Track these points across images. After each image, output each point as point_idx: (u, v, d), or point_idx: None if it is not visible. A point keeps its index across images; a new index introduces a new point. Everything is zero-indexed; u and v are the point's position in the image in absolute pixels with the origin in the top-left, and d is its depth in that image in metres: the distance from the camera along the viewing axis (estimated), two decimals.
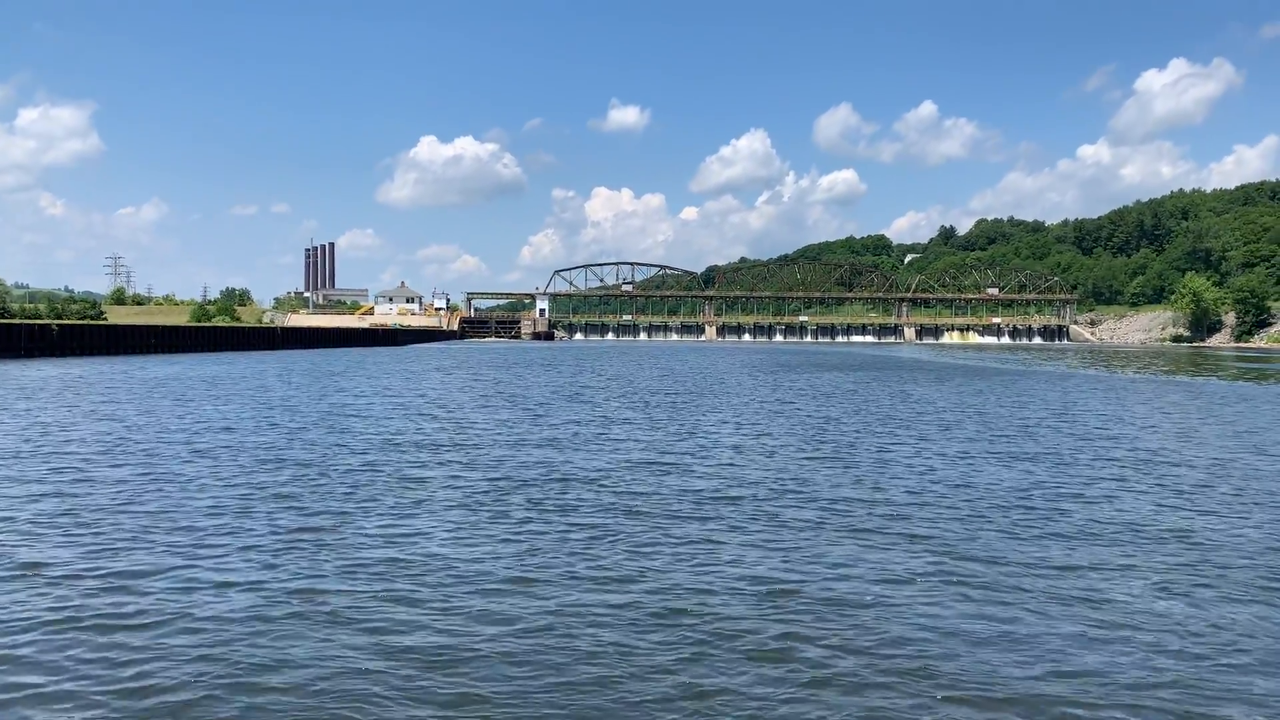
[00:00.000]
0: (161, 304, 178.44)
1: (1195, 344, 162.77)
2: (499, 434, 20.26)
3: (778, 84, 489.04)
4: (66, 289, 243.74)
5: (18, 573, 8.78)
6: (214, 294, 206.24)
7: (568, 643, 7.05)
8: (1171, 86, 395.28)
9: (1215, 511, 12.14)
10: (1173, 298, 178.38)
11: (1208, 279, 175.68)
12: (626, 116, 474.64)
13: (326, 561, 9.27)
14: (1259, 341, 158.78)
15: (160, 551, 9.58)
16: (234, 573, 8.87)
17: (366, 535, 10.42)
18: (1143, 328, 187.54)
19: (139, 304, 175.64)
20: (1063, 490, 13.60)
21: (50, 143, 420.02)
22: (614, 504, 12.28)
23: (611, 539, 10.28)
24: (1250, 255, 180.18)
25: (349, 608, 7.86)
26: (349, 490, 13.16)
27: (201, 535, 10.33)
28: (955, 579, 8.74)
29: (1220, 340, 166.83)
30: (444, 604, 7.95)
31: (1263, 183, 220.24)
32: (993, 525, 11.11)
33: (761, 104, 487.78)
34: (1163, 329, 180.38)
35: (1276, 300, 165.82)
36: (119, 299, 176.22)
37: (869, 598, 8.18)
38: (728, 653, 6.84)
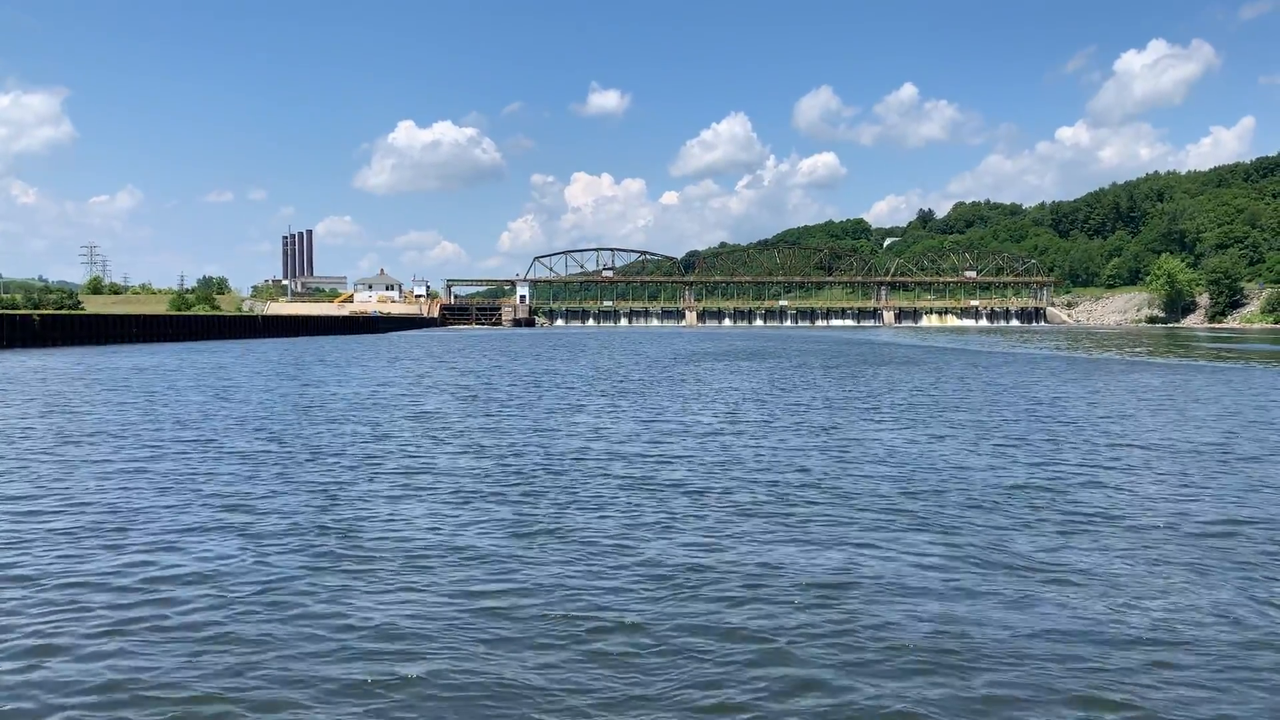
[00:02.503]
0: (139, 293, 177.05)
1: (1170, 325, 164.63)
2: (490, 419, 20.61)
3: (758, 67, 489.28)
4: (41, 278, 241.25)
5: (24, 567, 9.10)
6: (190, 282, 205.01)
7: (567, 626, 7.30)
8: (1150, 68, 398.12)
9: (1211, 493, 12.66)
10: (1148, 279, 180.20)
11: (1182, 260, 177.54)
12: (607, 100, 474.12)
13: (323, 547, 9.51)
14: (1232, 322, 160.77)
15: (163, 533, 9.91)
16: (241, 564, 9.19)
17: (369, 519, 10.76)
18: (1118, 309, 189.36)
19: (116, 293, 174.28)
20: (1060, 476, 14.07)
21: (21, 130, 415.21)
22: (613, 488, 12.67)
23: (610, 521, 10.67)
24: (1224, 237, 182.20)
25: (345, 589, 8.13)
26: (349, 475, 13.50)
27: (219, 517, 10.66)
28: (949, 561, 9.18)
29: (1194, 321, 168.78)
30: (447, 588, 8.27)
31: (1237, 164, 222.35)
32: (987, 510, 11.54)
33: (742, 87, 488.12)
34: (1138, 310, 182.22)
35: (1249, 281, 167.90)
36: (96, 288, 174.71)
37: (863, 581, 8.60)
38: (721, 637, 7.05)
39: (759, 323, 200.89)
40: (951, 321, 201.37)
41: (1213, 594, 7.94)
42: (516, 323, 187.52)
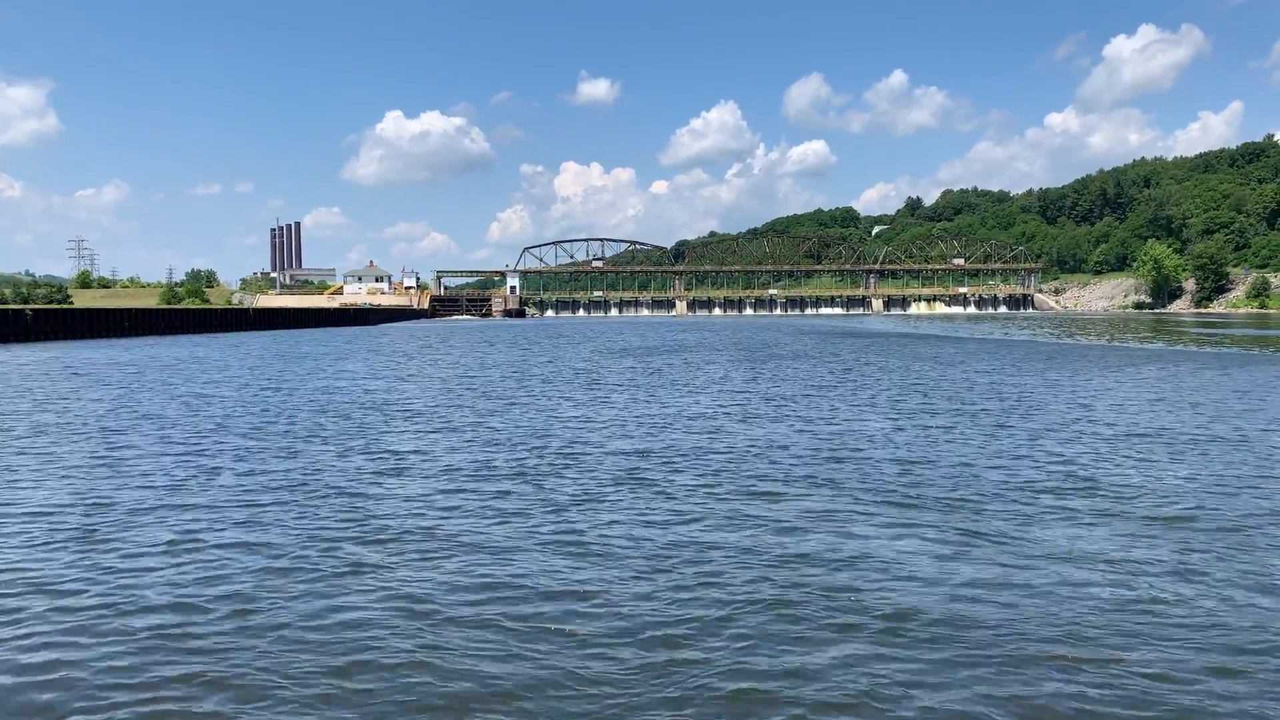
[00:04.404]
0: (128, 286, 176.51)
1: (1157, 310, 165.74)
2: (488, 411, 21.04)
3: (748, 54, 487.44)
4: (28, 273, 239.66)
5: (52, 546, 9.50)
6: (178, 275, 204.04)
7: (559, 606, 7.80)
8: (1140, 53, 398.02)
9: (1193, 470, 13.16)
10: (1135, 265, 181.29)
11: (1168, 246, 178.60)
12: (596, 89, 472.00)
13: (330, 528, 9.98)
14: (1218, 307, 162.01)
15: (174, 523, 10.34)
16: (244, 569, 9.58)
17: (379, 505, 11.19)
18: (1106, 295, 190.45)
19: (105, 287, 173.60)
20: (1050, 461, 14.54)
21: (6, 122, 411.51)
22: (619, 475, 13.11)
23: (611, 507, 11.12)
24: (1210, 222, 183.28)
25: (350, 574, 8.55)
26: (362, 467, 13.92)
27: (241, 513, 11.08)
28: (940, 543, 9.66)
29: (1181, 306, 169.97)
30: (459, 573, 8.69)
31: (1223, 150, 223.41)
32: (979, 496, 12.00)
33: (732, 75, 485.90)
34: (1125, 296, 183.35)
35: (1235, 266, 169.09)
36: (84, 282, 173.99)
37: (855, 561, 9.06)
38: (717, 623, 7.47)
39: (749, 311, 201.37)
40: (940, 309, 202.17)
41: (1198, 575, 8.43)
42: (507, 313, 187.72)
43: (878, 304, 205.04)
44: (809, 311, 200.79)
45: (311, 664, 6.41)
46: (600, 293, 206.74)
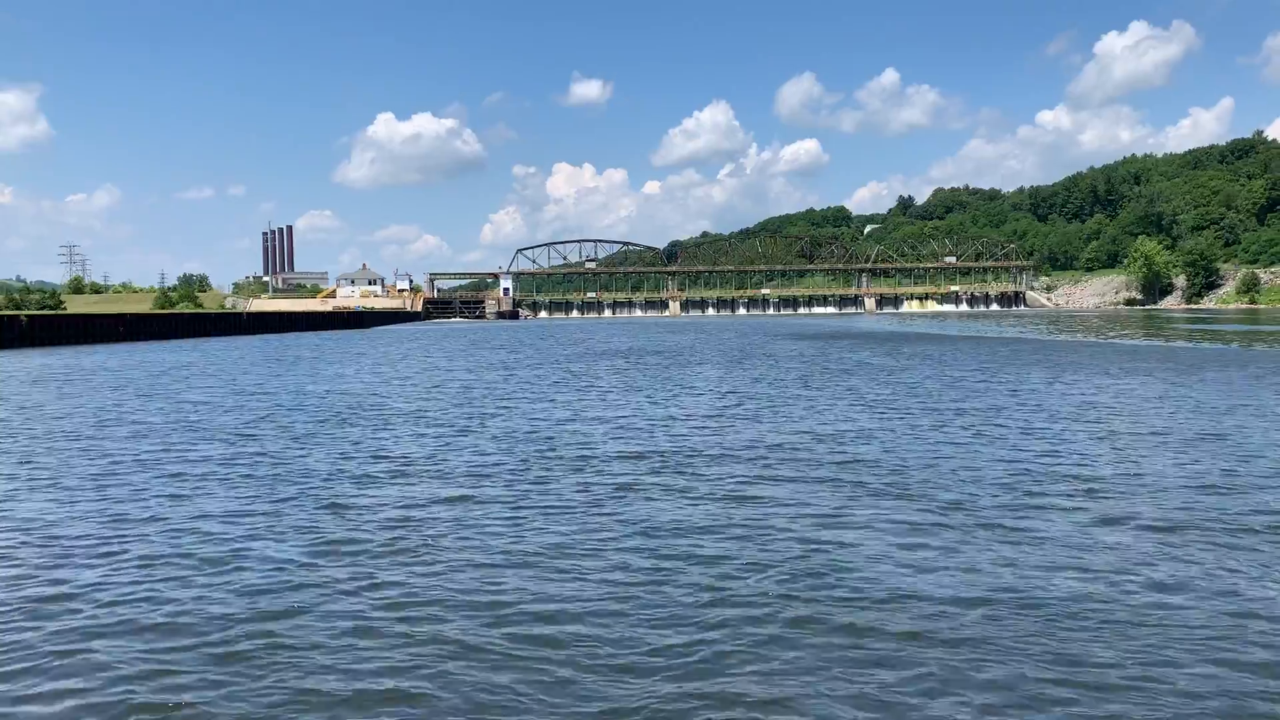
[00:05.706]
0: (121, 291, 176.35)
1: (1147, 307, 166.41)
2: (484, 413, 21.25)
3: (740, 54, 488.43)
4: (19, 278, 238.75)
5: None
6: (170, 280, 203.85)
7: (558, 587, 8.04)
8: (1131, 49, 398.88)
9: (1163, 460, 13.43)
10: (1126, 262, 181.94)
11: (1159, 243, 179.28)
12: (588, 90, 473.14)
13: (331, 535, 10.17)
14: (1208, 303, 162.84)
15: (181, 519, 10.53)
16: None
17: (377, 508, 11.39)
18: (1097, 292, 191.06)
19: (97, 292, 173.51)
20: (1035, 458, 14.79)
21: None
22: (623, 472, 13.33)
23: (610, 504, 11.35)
24: (1200, 218, 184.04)
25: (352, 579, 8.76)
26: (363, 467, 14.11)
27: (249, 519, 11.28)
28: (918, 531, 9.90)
29: (1172, 302, 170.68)
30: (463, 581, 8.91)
31: (1212, 146, 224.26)
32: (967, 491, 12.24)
33: (724, 75, 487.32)
34: (1116, 293, 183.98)
35: (1225, 262, 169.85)
36: (77, 288, 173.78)
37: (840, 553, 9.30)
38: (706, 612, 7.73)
39: (742, 311, 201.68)
40: (932, 307, 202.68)
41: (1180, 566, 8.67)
42: (500, 315, 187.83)
43: (870, 303, 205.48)
44: (802, 311, 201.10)
45: (310, 671, 6.36)
46: (593, 294, 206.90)
